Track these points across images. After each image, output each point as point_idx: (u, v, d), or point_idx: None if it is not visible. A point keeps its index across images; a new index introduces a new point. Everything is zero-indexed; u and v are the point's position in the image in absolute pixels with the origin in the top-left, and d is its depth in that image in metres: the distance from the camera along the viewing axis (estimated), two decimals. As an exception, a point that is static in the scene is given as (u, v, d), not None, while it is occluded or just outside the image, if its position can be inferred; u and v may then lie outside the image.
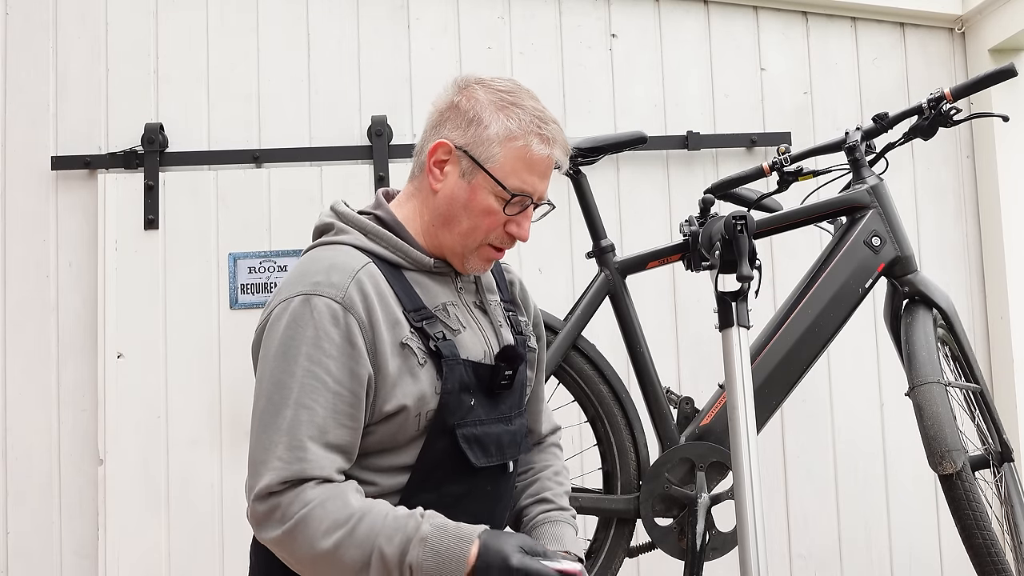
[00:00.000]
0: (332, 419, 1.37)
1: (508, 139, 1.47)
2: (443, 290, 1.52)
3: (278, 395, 1.37)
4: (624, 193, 3.06)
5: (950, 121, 2.19)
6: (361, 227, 1.51)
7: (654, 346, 2.35)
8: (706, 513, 2.21)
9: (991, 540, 1.99)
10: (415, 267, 1.50)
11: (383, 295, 1.43)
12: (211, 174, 2.95)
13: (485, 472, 1.49)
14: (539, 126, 1.49)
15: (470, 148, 1.47)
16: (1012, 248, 3.07)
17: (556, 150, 1.51)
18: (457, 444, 1.44)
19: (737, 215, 1.77)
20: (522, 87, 1.54)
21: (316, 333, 1.37)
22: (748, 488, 1.67)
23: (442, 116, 1.52)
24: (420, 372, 1.42)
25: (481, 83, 1.52)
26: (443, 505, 1.44)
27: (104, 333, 2.86)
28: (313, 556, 1.33)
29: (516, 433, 1.56)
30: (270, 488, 1.34)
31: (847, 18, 3.21)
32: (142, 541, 2.81)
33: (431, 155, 1.50)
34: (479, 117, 1.48)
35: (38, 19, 3.00)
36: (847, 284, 2.23)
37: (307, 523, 1.32)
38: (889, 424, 3.06)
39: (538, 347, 1.73)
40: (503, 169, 1.47)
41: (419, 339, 1.44)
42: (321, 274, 1.42)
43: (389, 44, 3.06)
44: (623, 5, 3.14)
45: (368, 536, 1.32)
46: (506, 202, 1.47)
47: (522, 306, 1.71)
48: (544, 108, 1.53)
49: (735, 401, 1.73)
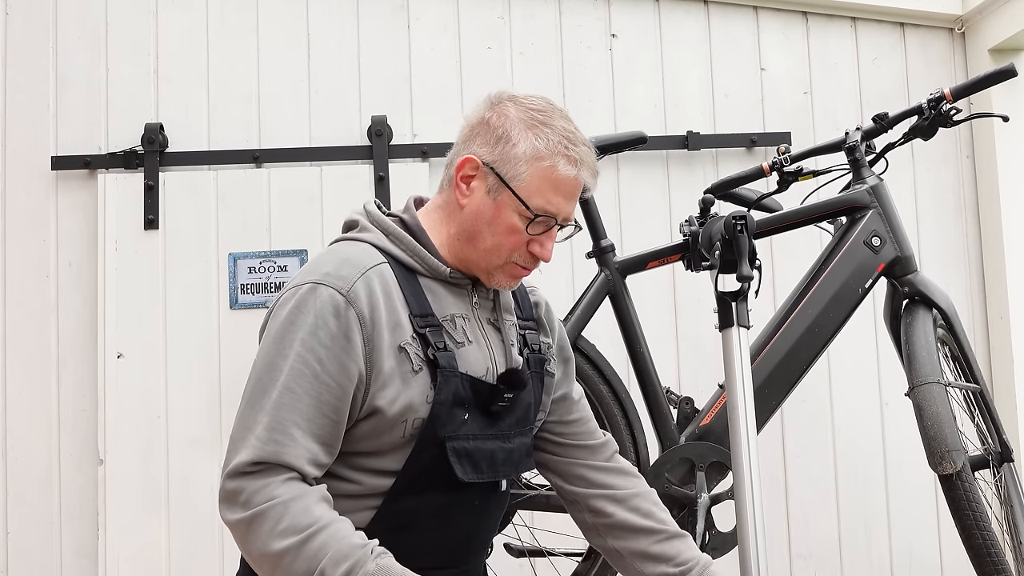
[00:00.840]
0: (316, 408, 1.37)
1: (535, 158, 1.46)
2: (456, 301, 1.52)
3: (267, 376, 1.38)
4: (624, 193, 3.06)
5: (950, 121, 2.18)
6: (384, 228, 1.51)
7: (654, 346, 2.35)
8: (706, 513, 2.20)
9: (991, 540, 1.99)
10: (431, 274, 1.50)
11: (390, 296, 1.43)
12: (211, 174, 2.96)
13: (474, 487, 1.48)
14: (567, 147, 1.47)
15: (497, 165, 1.47)
16: (1012, 248, 3.07)
17: (584, 171, 1.49)
18: (446, 456, 1.43)
19: (737, 215, 1.77)
20: (555, 106, 1.53)
21: (315, 321, 1.38)
22: (748, 488, 1.67)
23: (473, 131, 1.52)
24: (413, 379, 1.42)
25: (514, 100, 1.52)
26: (426, 512, 1.44)
27: (104, 333, 2.86)
28: (261, 553, 1.33)
29: (514, 452, 1.54)
30: (241, 467, 1.34)
31: (847, 18, 3.21)
32: (142, 541, 2.81)
33: (459, 170, 1.50)
34: (508, 135, 1.47)
35: (38, 19, 3.00)
36: (847, 284, 2.22)
37: (265, 518, 1.32)
38: (889, 424, 3.06)
39: (565, 369, 1.71)
40: (528, 188, 1.46)
41: (419, 345, 1.43)
42: (333, 266, 1.43)
43: (389, 44, 3.06)
44: (623, 5, 3.14)
45: (318, 552, 1.31)
46: (529, 221, 1.47)
47: (546, 327, 1.69)
48: (575, 129, 1.51)
49: (735, 401, 1.73)
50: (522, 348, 1.60)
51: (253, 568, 1.38)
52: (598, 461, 1.70)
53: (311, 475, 1.37)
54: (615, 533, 1.65)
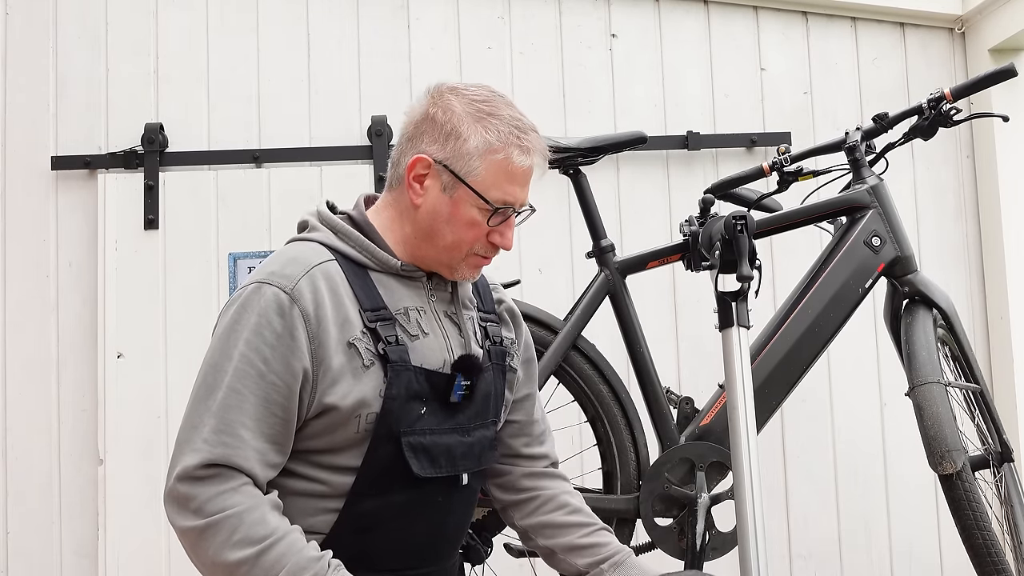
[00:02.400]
0: (264, 408, 1.36)
1: (488, 152, 1.46)
2: (411, 294, 1.51)
3: (212, 377, 1.38)
4: (624, 193, 3.06)
5: (950, 121, 2.18)
6: (332, 226, 1.52)
7: (654, 346, 2.35)
8: (706, 513, 2.20)
9: (991, 540, 1.99)
10: (382, 268, 1.50)
11: (337, 292, 1.42)
12: (211, 174, 2.95)
13: (434, 483, 1.47)
14: (519, 137, 1.47)
15: (450, 162, 1.46)
16: (1012, 248, 3.07)
17: (536, 158, 1.49)
18: (402, 452, 1.42)
19: (737, 215, 1.77)
20: (496, 94, 1.52)
21: (258, 320, 1.38)
22: (748, 488, 1.67)
23: (418, 128, 1.51)
24: (364, 374, 1.41)
25: (455, 92, 1.50)
26: (389, 513, 1.44)
27: (104, 333, 2.86)
28: (215, 563, 1.32)
29: (474, 445, 1.53)
30: (192, 471, 1.33)
31: (847, 18, 3.21)
32: (142, 541, 2.81)
33: (410, 170, 1.49)
34: (456, 130, 1.46)
35: (38, 19, 3.00)
36: (847, 284, 2.23)
37: (219, 529, 1.32)
38: (889, 424, 3.06)
39: (527, 370, 1.71)
40: (484, 182, 1.46)
41: (369, 340, 1.42)
42: (279, 265, 1.43)
43: (389, 44, 3.06)
44: (623, 5, 3.14)
45: (274, 565, 1.31)
46: (490, 214, 1.47)
47: (510, 324, 1.69)
48: (521, 115, 1.51)
49: (735, 401, 1.73)
50: (483, 340, 1.59)
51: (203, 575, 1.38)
52: (536, 467, 1.72)
53: (262, 477, 1.37)
54: (547, 532, 1.67)
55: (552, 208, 3.00)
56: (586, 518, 1.68)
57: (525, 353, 1.72)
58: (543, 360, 2.23)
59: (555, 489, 1.71)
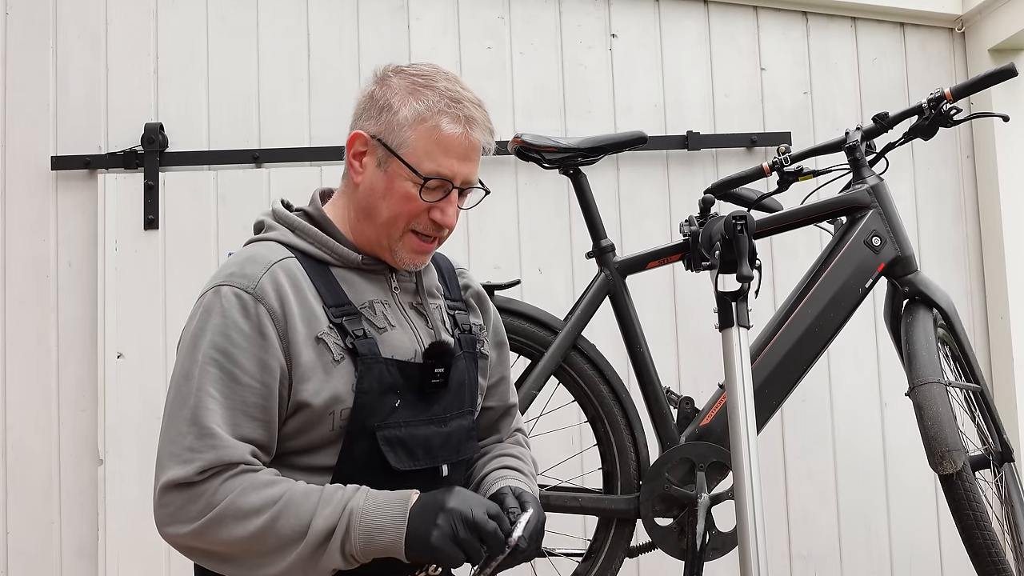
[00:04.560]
0: (242, 411, 1.34)
1: (417, 121, 1.42)
2: (373, 288, 1.48)
3: (185, 387, 1.34)
4: (624, 193, 3.06)
5: (950, 121, 2.19)
6: (288, 223, 1.49)
7: (654, 346, 2.35)
8: (706, 513, 2.20)
9: (991, 540, 1.99)
10: (342, 264, 1.47)
11: (300, 288, 1.40)
12: (211, 174, 2.95)
13: (413, 476, 1.43)
14: (449, 105, 1.42)
15: (383, 135, 1.43)
16: (1012, 248, 3.07)
17: (473, 129, 1.43)
18: (378, 446, 1.40)
19: (737, 215, 1.77)
20: (441, 70, 1.48)
21: (224, 322, 1.35)
22: (748, 488, 1.67)
23: (360, 108, 1.49)
24: (335, 369, 1.38)
25: (399, 71, 1.48)
26: None
27: (104, 333, 2.86)
28: (237, 539, 1.29)
29: (451, 435, 1.49)
30: (185, 479, 1.30)
31: (847, 18, 3.21)
32: (142, 541, 2.81)
33: (349, 147, 1.47)
34: (389, 104, 1.44)
35: (38, 19, 3.00)
36: (847, 284, 2.23)
37: (228, 508, 1.29)
38: (889, 424, 3.06)
39: (499, 354, 1.69)
40: (416, 153, 1.41)
41: (337, 335, 1.40)
42: (237, 266, 1.41)
43: (389, 44, 3.06)
44: (623, 5, 3.14)
45: (306, 496, 1.30)
46: (421, 186, 1.42)
47: (477, 309, 1.66)
48: (462, 89, 1.46)
49: (735, 401, 1.73)
50: (452, 328, 1.56)
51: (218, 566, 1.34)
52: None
53: (255, 464, 1.35)
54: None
55: (552, 208, 3.00)
56: (498, 450, 1.65)
57: (495, 336, 1.68)
58: (543, 360, 2.23)
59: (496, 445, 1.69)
